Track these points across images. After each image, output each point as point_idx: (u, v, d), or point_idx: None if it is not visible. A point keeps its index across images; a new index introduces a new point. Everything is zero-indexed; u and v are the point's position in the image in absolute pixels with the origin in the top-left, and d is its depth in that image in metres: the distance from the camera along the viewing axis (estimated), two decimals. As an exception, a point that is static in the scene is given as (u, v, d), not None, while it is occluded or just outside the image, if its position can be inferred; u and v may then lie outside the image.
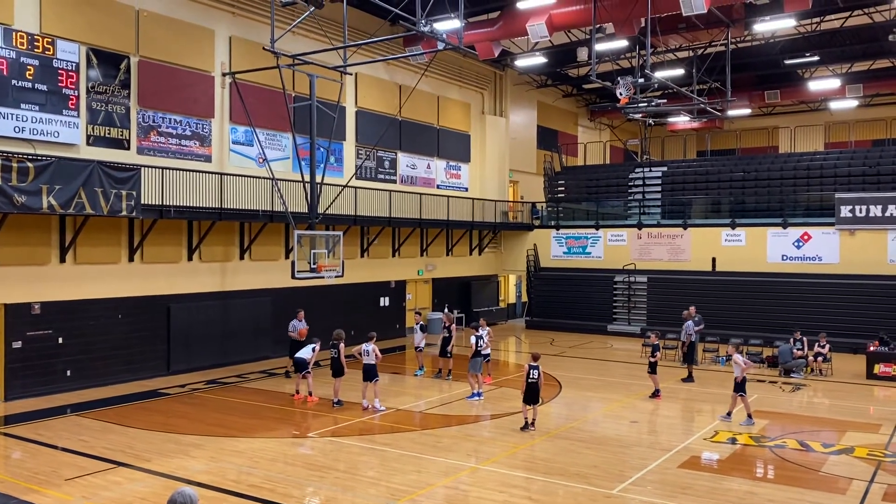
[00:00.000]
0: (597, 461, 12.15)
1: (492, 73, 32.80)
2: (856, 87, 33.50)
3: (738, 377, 14.81)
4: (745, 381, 14.93)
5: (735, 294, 26.74)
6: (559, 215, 33.11)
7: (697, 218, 29.81)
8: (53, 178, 15.34)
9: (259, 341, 21.77)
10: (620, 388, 18.59)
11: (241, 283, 21.53)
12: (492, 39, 24.63)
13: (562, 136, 38.69)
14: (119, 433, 13.73)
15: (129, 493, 10.42)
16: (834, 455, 12.66)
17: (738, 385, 14.82)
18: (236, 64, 21.21)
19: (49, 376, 16.98)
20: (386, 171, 27.23)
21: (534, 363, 14.00)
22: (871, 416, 15.91)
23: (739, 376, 14.81)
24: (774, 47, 30.29)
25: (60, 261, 17.26)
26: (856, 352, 22.57)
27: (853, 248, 25.71)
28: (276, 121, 22.09)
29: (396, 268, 27.56)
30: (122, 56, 18.50)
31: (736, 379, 14.85)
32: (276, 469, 11.62)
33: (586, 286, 30.14)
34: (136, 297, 18.71)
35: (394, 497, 10.36)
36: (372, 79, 26.36)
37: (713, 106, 27.93)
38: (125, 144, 18.55)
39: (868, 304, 24.46)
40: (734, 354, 15.25)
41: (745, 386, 14.91)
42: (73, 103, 17.30)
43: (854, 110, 37.58)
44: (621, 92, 21.30)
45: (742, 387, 14.81)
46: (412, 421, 15.04)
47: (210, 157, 20.70)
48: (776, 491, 10.75)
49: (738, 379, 14.82)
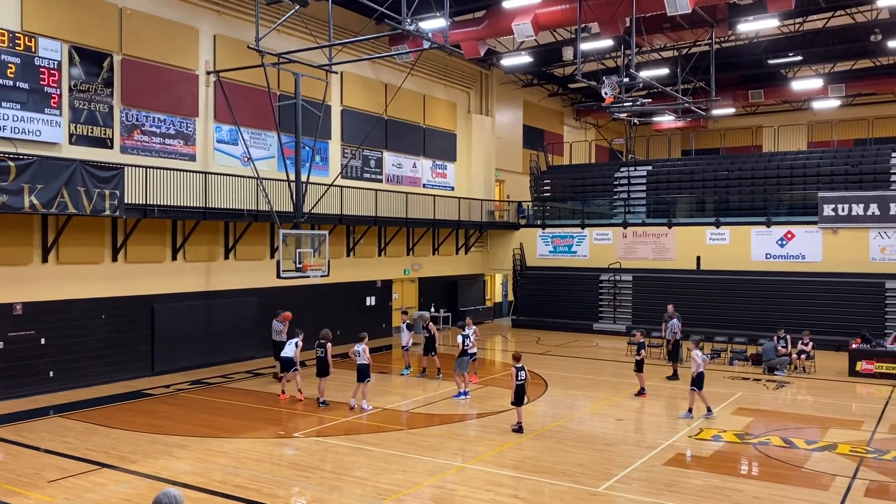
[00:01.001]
0: (583, 459, 12.19)
1: (478, 73, 32.82)
2: (838, 86, 33.83)
3: (695, 373, 14.94)
4: (703, 376, 15.00)
5: (719, 292, 26.93)
6: (545, 214, 33.20)
7: (682, 217, 29.98)
8: (35, 178, 15.19)
9: (244, 341, 21.67)
10: (606, 386, 18.66)
11: (226, 282, 21.42)
12: (477, 38, 24.66)
13: (547, 136, 38.79)
14: (103, 434, 13.62)
15: (113, 495, 10.34)
16: (817, 452, 12.77)
17: (694, 380, 14.95)
18: (221, 62, 21.09)
19: (32, 377, 16.81)
20: (372, 170, 27.18)
21: (518, 364, 13.97)
22: (853, 413, 16.07)
23: (695, 372, 14.94)
24: (758, 47, 30.53)
25: (43, 261, 17.10)
26: (838, 349, 22.78)
27: (836, 247, 25.95)
28: (261, 120, 21.99)
29: (382, 267, 27.52)
30: (105, 54, 18.35)
31: (693, 375, 14.97)
32: (262, 469, 11.57)
33: (572, 285, 30.24)
34: (120, 298, 18.57)
35: (380, 497, 10.34)
36: (357, 77, 26.30)
37: (697, 105, 28.10)
38: (108, 143, 18.40)
39: (850, 302, 24.71)
40: (694, 351, 15.24)
41: (703, 382, 15.00)
42: (56, 102, 17.13)
43: (836, 110, 37.95)
44: (606, 91, 21.36)
45: (698, 382, 14.92)
46: (398, 420, 15.03)
47: (194, 156, 20.57)
48: (760, 487, 10.83)
49: (694, 375, 14.95)
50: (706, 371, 15.33)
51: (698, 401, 15.08)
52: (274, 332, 18.55)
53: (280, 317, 18.61)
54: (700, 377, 14.93)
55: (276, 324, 18.54)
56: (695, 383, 14.93)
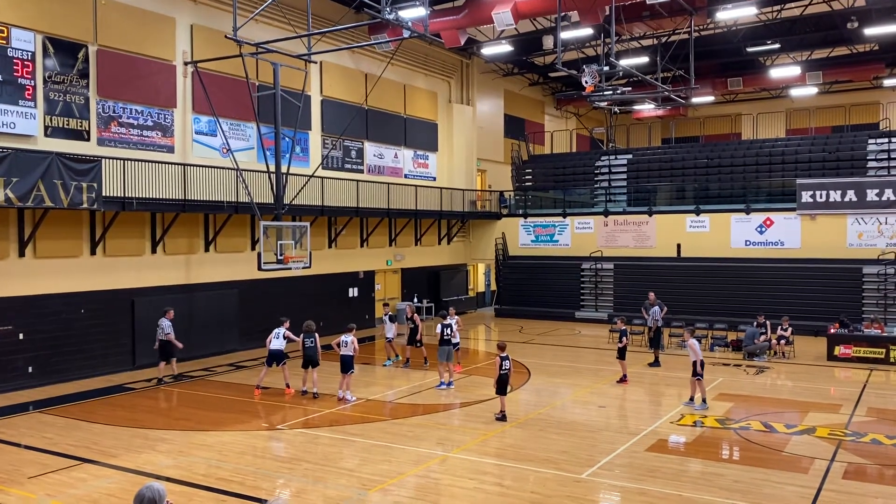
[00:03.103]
0: (566, 447, 12.26)
1: (458, 62, 32.73)
2: (815, 74, 34.11)
3: (697, 361, 14.93)
4: (703, 365, 15.02)
5: (700, 279, 27.15)
6: (527, 204, 33.26)
7: (662, 205, 30.15)
8: (10, 171, 14.96)
9: (226, 334, 21.55)
10: (588, 374, 18.78)
11: (207, 275, 21.26)
12: (457, 27, 24.56)
13: (528, 125, 38.81)
14: (84, 429, 13.51)
15: (95, 490, 10.26)
16: (797, 435, 12.94)
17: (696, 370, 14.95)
18: (198, 53, 20.85)
19: (10, 373, 16.62)
20: (353, 160, 27.06)
21: (503, 353, 13.98)
22: (831, 397, 16.29)
23: (695, 360, 14.93)
24: (736, 35, 30.67)
25: (19, 255, 16.87)
26: (817, 334, 23.07)
27: (814, 233, 26.23)
28: (240, 110, 21.80)
29: (365, 258, 27.45)
30: (80, 45, 18.08)
31: (694, 364, 14.94)
32: (246, 462, 11.53)
33: (554, 274, 30.35)
34: (99, 291, 18.38)
35: (365, 487, 10.35)
36: (337, 67, 26.13)
37: (677, 94, 28.22)
38: (85, 135, 18.16)
39: (829, 288, 25.02)
40: (690, 339, 15.23)
41: (703, 370, 15.01)
42: (30, 93, 16.87)
43: (814, 97, 38.28)
44: (587, 80, 21.39)
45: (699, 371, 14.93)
46: (382, 411, 15.03)
47: (173, 147, 20.36)
48: (741, 472, 10.96)
49: (696, 364, 14.93)
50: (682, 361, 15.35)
51: (698, 388, 15.03)
52: (160, 332, 17.17)
53: (168, 315, 17.34)
54: (700, 365, 14.88)
55: (165, 322, 17.23)
56: (696, 373, 14.89)
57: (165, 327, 17.19)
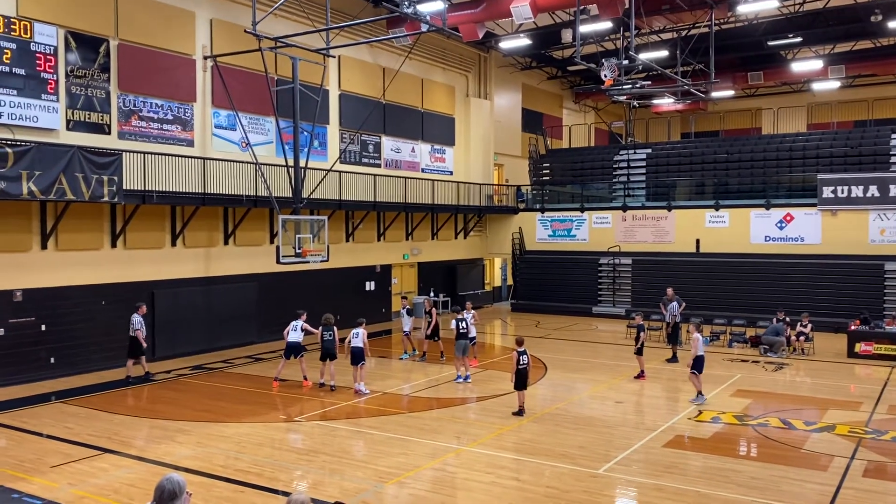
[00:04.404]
0: (582, 442, 12.25)
1: (476, 56, 32.65)
2: (838, 68, 33.67)
3: (698, 354, 14.82)
4: (703, 360, 14.92)
5: (719, 275, 26.95)
6: (544, 198, 33.16)
7: (681, 200, 29.95)
8: (33, 164, 15.15)
9: (244, 327, 21.71)
10: (605, 369, 18.73)
11: (226, 268, 21.42)
12: (476, 21, 24.49)
13: (546, 119, 38.66)
14: (104, 420, 13.68)
15: (115, 480, 10.40)
16: (816, 433, 12.84)
17: (694, 364, 14.84)
18: (218, 47, 20.96)
19: (32, 363, 16.86)
20: (370, 154, 27.11)
21: (521, 348, 13.95)
22: (852, 395, 16.14)
23: (695, 355, 14.83)
24: (758, 29, 30.34)
25: (42, 247, 17.09)
26: (837, 331, 22.84)
27: (835, 229, 25.94)
28: (259, 104, 21.91)
29: (381, 252, 27.52)
30: (101, 39, 18.24)
31: (696, 358, 14.85)
32: (264, 454, 11.63)
33: (571, 268, 30.26)
34: (120, 284, 18.57)
35: (381, 479, 10.41)
36: (355, 61, 26.17)
37: (697, 88, 28.00)
38: (106, 129, 18.33)
39: (850, 284, 24.75)
40: (695, 334, 15.15)
41: (703, 365, 14.92)
42: (52, 87, 17.05)
43: (836, 91, 37.81)
44: (606, 74, 21.26)
45: (699, 365, 14.82)
46: (399, 404, 15.09)
47: (192, 141, 20.51)
48: (759, 469, 10.90)
49: (695, 357, 14.85)
50: (708, 354, 15.23)
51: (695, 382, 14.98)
52: (131, 327, 16.78)
53: (140, 310, 17.02)
54: (700, 360, 14.89)
55: (136, 317, 16.84)
56: (695, 366, 14.91)
57: (136, 323, 16.73)
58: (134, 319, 16.81)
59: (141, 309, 17.02)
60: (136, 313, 16.89)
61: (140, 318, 16.89)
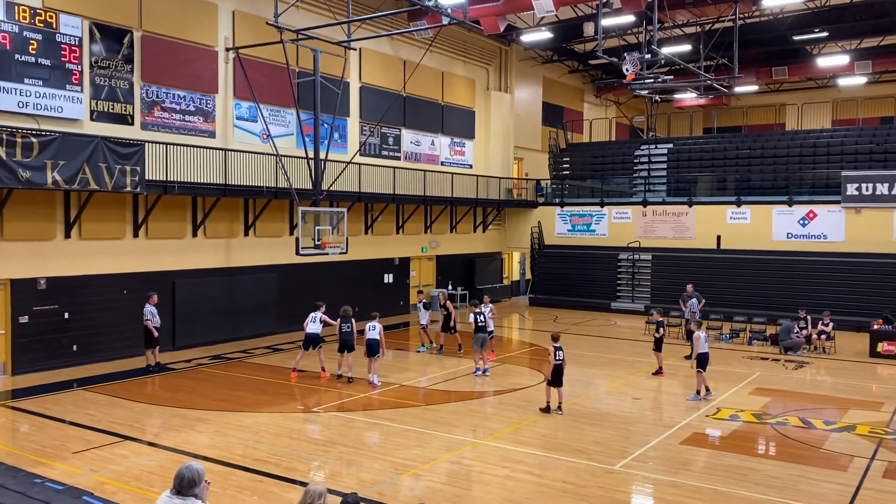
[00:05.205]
0: (599, 437, 12.23)
1: (497, 49, 32.54)
2: (865, 63, 33.18)
3: (701, 352, 14.77)
4: (707, 357, 14.87)
5: (739, 272, 26.72)
6: (564, 192, 33.03)
7: (703, 195, 29.71)
8: (58, 154, 15.34)
9: (264, 317, 21.86)
10: (623, 365, 18.66)
11: (246, 259, 21.58)
12: (497, 14, 24.38)
13: (567, 113, 38.46)
14: (125, 407, 13.86)
15: (135, 467, 10.54)
16: (836, 433, 12.72)
17: (699, 362, 14.81)
18: (240, 39, 21.07)
19: (55, 350, 17.11)
20: (390, 147, 27.15)
21: (556, 344, 13.85)
22: (873, 395, 15.96)
23: (697, 353, 14.78)
24: (783, 23, 29.96)
25: (65, 236, 17.31)
26: (859, 330, 22.57)
27: (859, 227, 25.62)
28: (280, 96, 22.00)
29: (400, 245, 27.57)
30: (125, 30, 18.40)
31: (699, 356, 14.80)
32: (281, 443, 11.73)
33: (590, 263, 30.15)
34: (141, 273, 18.76)
35: (397, 471, 10.46)
36: (376, 54, 26.19)
37: (720, 82, 27.70)
38: (129, 120, 18.51)
39: (873, 283, 24.43)
40: (697, 332, 15.07)
41: (706, 363, 14.88)
42: (77, 78, 17.23)
43: (862, 87, 37.25)
44: (628, 68, 21.09)
45: (703, 363, 14.78)
46: (415, 396, 15.14)
47: (214, 132, 20.65)
48: (777, 468, 10.82)
49: (698, 355, 14.78)
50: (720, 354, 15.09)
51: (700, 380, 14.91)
52: (144, 317, 16.82)
53: (151, 300, 16.98)
54: (703, 357, 14.80)
55: (148, 307, 16.86)
56: (700, 364, 14.83)
57: (147, 313, 16.77)
58: (146, 310, 16.87)
59: (152, 298, 17.03)
60: (148, 303, 16.94)
61: (152, 308, 16.91)
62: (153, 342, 17.02)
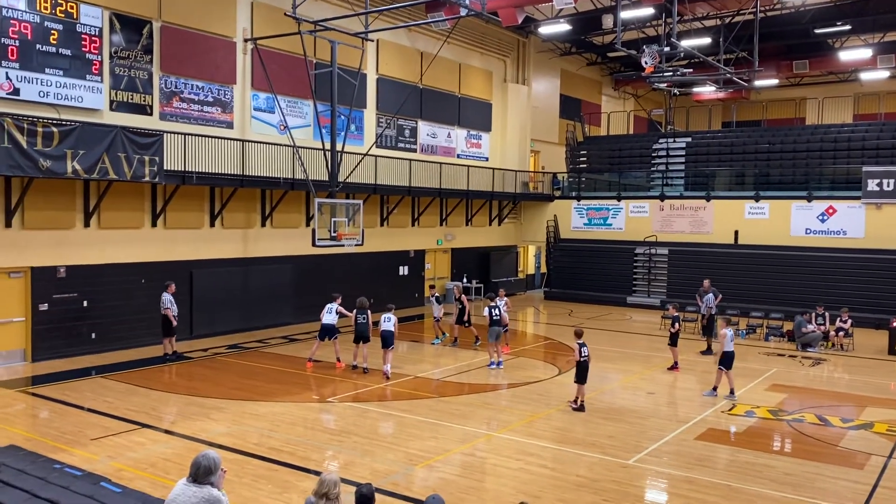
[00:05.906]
0: (613, 432, 12.21)
1: (515, 41, 32.40)
2: (888, 57, 32.68)
3: (726, 350, 14.56)
4: (732, 356, 14.59)
5: (757, 267, 26.51)
6: (580, 186, 32.89)
7: (721, 190, 29.48)
8: (78, 143, 15.48)
9: (280, 307, 21.99)
10: (639, 359, 18.60)
11: (263, 249, 21.69)
12: (515, 6, 24.23)
13: (585, 106, 38.26)
14: (142, 395, 14.00)
15: (152, 454, 10.65)
16: (853, 430, 12.62)
17: (722, 359, 14.56)
18: (258, 30, 21.12)
19: (74, 338, 17.30)
20: (406, 139, 27.14)
21: (580, 340, 13.64)
22: (891, 392, 15.81)
23: (722, 350, 14.55)
24: (804, 16, 29.58)
25: (85, 225, 17.48)
26: (879, 327, 22.37)
27: (879, 223, 25.33)
28: (298, 88, 22.05)
29: (416, 237, 27.60)
30: (144, 21, 18.49)
31: (724, 354, 14.55)
32: (296, 433, 11.80)
33: (606, 258, 30.03)
34: (159, 262, 18.92)
35: (411, 462, 10.50)
36: (393, 45, 26.16)
37: (740, 76, 27.43)
38: (148, 110, 18.63)
39: (893, 280, 24.16)
40: (724, 329, 14.79)
41: (732, 362, 14.60)
42: (97, 68, 17.35)
43: (885, 81, 36.76)
44: (646, 61, 20.94)
45: (727, 361, 14.51)
46: (430, 388, 15.18)
47: (232, 123, 20.74)
48: (793, 464, 10.76)
49: (723, 353, 14.54)
50: (735, 350, 14.91)
51: (724, 381, 14.76)
52: (161, 306, 16.94)
53: (170, 289, 17.08)
54: (728, 356, 14.59)
55: (165, 296, 16.95)
56: (723, 362, 14.63)
57: (165, 301, 16.89)
58: (164, 298, 16.99)
59: (170, 287, 17.15)
60: (166, 292, 17.06)
61: (170, 297, 17.03)
62: (171, 331, 17.15)
